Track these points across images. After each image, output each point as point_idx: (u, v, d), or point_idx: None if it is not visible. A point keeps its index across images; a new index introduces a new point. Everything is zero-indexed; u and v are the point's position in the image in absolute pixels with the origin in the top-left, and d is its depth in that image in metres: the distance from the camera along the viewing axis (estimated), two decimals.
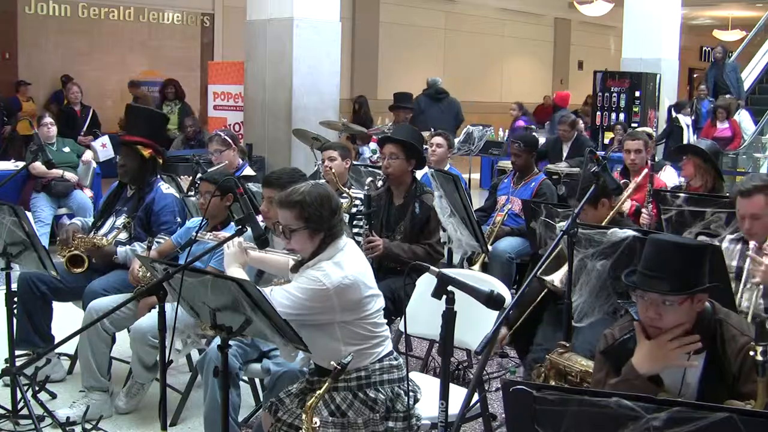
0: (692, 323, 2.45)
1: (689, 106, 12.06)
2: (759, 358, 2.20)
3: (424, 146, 5.49)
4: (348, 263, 2.76)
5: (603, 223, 3.88)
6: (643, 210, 4.92)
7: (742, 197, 3.40)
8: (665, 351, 2.43)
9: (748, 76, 14.52)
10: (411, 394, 2.84)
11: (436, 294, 2.35)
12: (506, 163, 9.26)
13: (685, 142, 10.95)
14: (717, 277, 2.70)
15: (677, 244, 2.50)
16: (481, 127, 9.75)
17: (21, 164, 7.00)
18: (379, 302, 2.85)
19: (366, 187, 4.44)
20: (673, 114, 11.72)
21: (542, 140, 8.89)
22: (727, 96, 12.21)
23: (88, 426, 3.81)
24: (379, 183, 4.46)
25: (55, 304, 4.37)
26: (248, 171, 5.67)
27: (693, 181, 4.92)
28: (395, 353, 2.92)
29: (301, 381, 2.99)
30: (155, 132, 4.58)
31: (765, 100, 13.81)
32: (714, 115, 11.48)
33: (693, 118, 11.76)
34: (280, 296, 2.72)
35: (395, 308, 4.11)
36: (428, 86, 10.48)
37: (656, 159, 5.67)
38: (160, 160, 4.50)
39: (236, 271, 2.98)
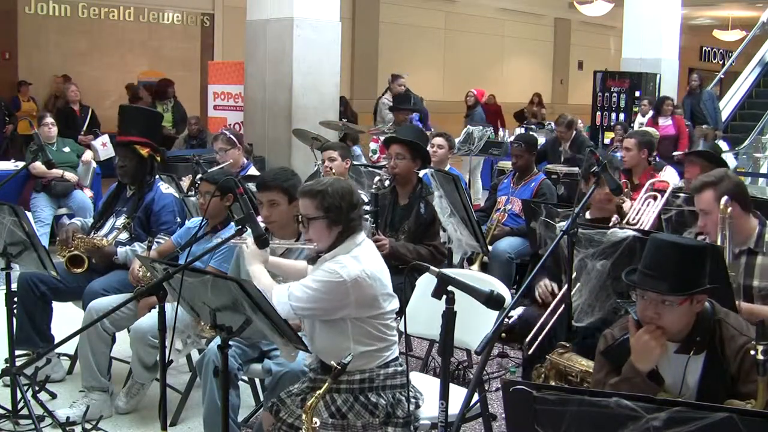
0: (691, 323, 2.45)
1: (648, 102, 11.33)
2: (759, 357, 2.20)
3: None
4: (365, 258, 2.77)
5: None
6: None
7: (694, 194, 3.41)
8: (641, 344, 2.43)
9: (729, 101, 14.09)
10: (413, 400, 2.84)
11: (436, 294, 2.35)
12: (506, 163, 9.25)
13: None
14: (717, 277, 2.70)
15: (678, 244, 2.49)
16: (481, 127, 9.73)
17: (21, 164, 7.00)
18: (394, 303, 2.84)
19: (374, 186, 4.45)
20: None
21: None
22: (704, 126, 11.51)
23: (88, 426, 3.81)
24: (386, 182, 4.47)
25: (55, 304, 4.37)
26: (253, 170, 5.66)
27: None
28: (401, 359, 2.91)
29: (302, 381, 2.99)
30: (150, 130, 4.56)
31: (745, 127, 13.30)
32: (658, 111, 10.46)
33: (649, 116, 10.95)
34: (297, 290, 2.73)
35: None
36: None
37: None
38: (159, 159, 4.50)
39: (258, 269, 2.96)
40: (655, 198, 4.50)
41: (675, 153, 9.39)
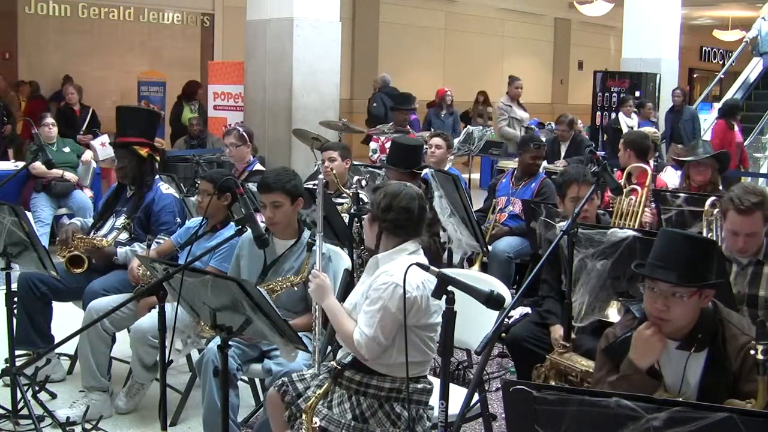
0: (695, 320, 2.45)
1: (635, 103, 11.06)
2: (759, 357, 2.21)
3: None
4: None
5: None
6: (646, 209, 4.92)
7: (741, 215, 3.17)
8: (643, 340, 2.43)
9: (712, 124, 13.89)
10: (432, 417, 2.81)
11: (436, 294, 2.35)
12: (506, 163, 9.25)
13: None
14: (720, 275, 2.71)
15: (689, 236, 2.52)
16: (481, 127, 9.73)
17: (21, 164, 7.00)
18: (440, 320, 2.77)
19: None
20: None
21: None
22: (680, 146, 10.45)
23: (88, 426, 3.81)
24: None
25: (55, 304, 4.37)
26: (258, 166, 5.68)
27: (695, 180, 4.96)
28: (429, 378, 2.88)
29: (324, 378, 2.95)
30: (149, 130, 4.56)
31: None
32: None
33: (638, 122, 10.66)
34: (365, 325, 2.67)
35: None
36: (384, 85, 10.52)
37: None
38: (158, 159, 4.49)
39: (332, 304, 2.88)
40: (635, 192, 4.52)
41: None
